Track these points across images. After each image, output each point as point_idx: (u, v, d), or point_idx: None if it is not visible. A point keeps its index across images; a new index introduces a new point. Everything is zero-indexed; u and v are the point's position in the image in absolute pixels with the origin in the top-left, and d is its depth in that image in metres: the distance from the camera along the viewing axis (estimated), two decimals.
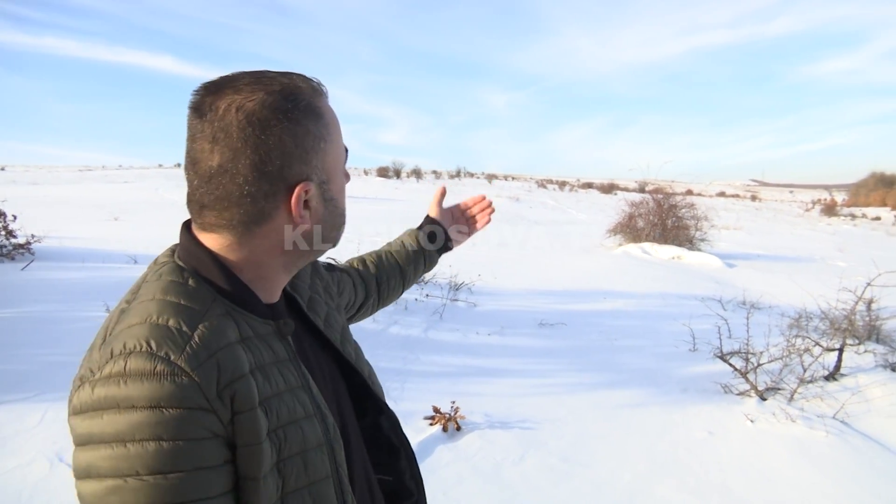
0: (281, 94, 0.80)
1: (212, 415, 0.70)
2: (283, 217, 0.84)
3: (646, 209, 15.67)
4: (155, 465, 0.66)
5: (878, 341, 6.05)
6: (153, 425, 0.66)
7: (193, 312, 0.76)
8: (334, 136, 0.88)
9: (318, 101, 0.85)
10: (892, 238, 28.12)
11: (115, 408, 0.67)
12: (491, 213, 1.53)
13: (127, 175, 38.69)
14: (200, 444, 0.69)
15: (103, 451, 0.67)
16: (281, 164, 0.81)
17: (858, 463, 3.75)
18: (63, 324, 4.70)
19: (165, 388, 0.68)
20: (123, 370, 0.68)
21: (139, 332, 0.71)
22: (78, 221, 13.02)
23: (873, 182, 77.01)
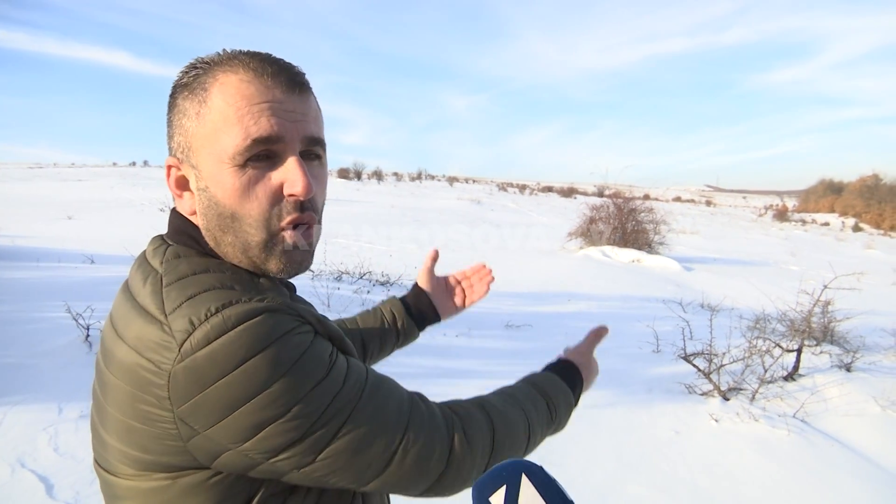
0: (181, 72, 0.79)
1: (310, 325, 0.73)
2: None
3: (606, 213, 15.89)
4: (314, 376, 0.68)
5: (832, 342, 6.24)
6: (288, 353, 0.67)
7: (244, 278, 0.77)
8: (206, 116, 0.75)
9: (206, 78, 0.76)
10: (841, 243, 29.09)
11: (242, 360, 0.64)
12: (491, 283, 1.35)
13: (80, 173, 37.67)
14: (318, 339, 0.73)
15: (260, 404, 0.65)
16: (167, 137, 0.81)
17: (818, 460, 3.85)
18: (19, 325, 4.55)
19: (274, 318, 0.68)
20: (224, 324, 0.65)
21: (211, 297, 0.69)
22: (30, 220, 12.62)
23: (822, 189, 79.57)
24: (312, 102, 0.81)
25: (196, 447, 0.67)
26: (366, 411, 0.72)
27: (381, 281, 7.70)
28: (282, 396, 0.66)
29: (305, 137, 0.78)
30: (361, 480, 0.73)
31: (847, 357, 5.59)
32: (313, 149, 0.80)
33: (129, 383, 0.68)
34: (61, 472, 2.84)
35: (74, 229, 11.57)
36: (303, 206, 0.77)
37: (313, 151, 0.80)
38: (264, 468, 0.69)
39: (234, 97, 0.74)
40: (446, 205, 29.82)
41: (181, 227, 0.82)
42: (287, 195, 0.76)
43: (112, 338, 0.73)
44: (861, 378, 5.23)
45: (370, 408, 0.73)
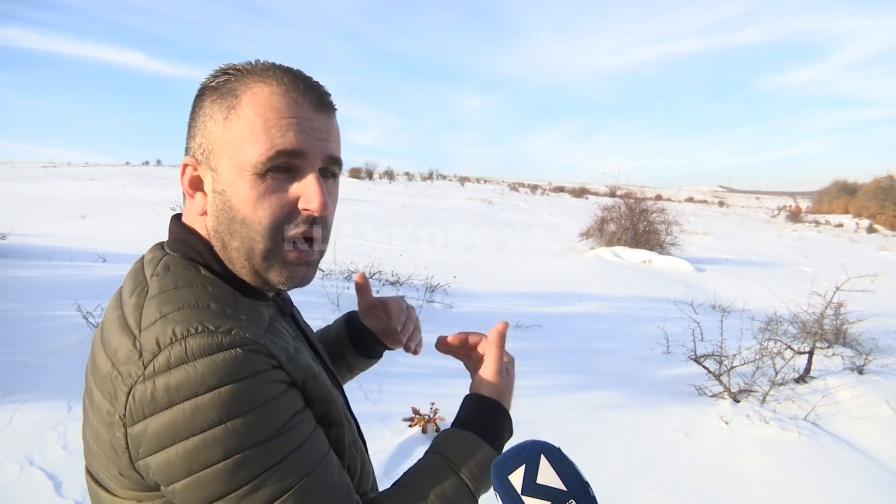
0: (210, 75, 0.80)
1: (282, 371, 0.71)
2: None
3: (617, 213, 15.82)
4: (260, 432, 0.65)
5: (844, 345, 6.18)
6: (241, 397, 0.65)
7: (225, 297, 0.75)
8: (233, 122, 0.76)
9: (234, 83, 0.77)
10: (855, 245, 28.83)
11: (193, 395, 0.63)
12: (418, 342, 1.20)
13: (94, 172, 37.98)
14: (286, 395, 0.70)
15: (201, 440, 0.63)
16: (187, 137, 0.82)
17: (829, 463, 3.82)
18: (31, 323, 4.59)
19: (238, 357, 0.66)
20: (185, 354, 0.64)
21: (183, 317, 0.68)
22: (43, 219, 12.72)
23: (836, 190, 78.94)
24: (335, 123, 0.83)
25: (142, 471, 0.67)
26: (306, 494, 0.68)
27: (391, 280, 7.71)
28: (223, 442, 0.64)
29: (327, 156, 0.80)
30: None
31: (859, 359, 5.54)
32: (331, 167, 0.82)
33: (104, 392, 0.68)
34: (69, 471, 2.86)
35: (87, 228, 11.66)
36: (314, 220, 0.78)
37: (331, 170, 0.82)
38: None
39: (265, 108, 0.75)
40: (457, 205, 29.82)
41: (180, 236, 0.82)
42: (302, 209, 0.77)
43: (98, 346, 0.73)
44: (873, 381, 5.17)
45: (313, 491, 0.69)
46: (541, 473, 0.67)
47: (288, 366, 0.72)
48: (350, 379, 1.21)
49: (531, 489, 0.67)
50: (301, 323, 0.99)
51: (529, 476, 0.67)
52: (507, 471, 0.69)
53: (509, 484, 0.68)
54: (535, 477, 0.67)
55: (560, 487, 0.66)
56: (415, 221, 18.46)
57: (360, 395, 4.16)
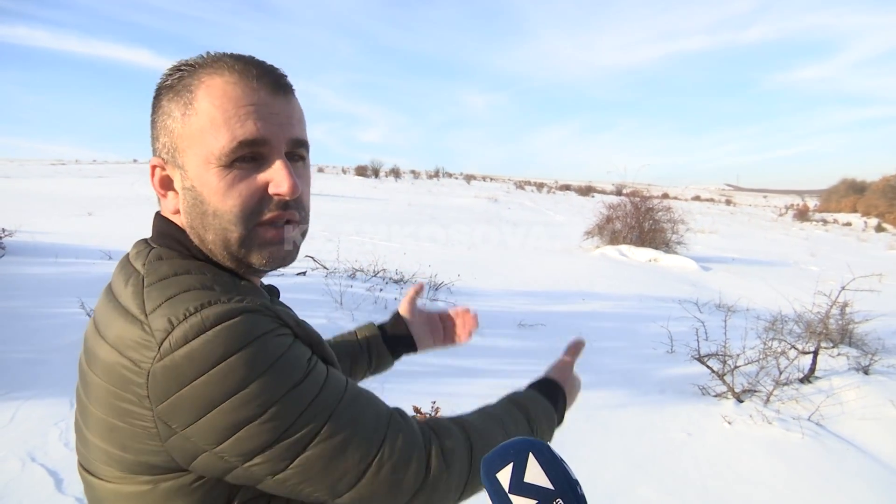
0: (167, 71, 0.80)
1: (289, 328, 0.74)
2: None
3: (623, 212, 15.79)
4: (291, 378, 0.68)
5: (850, 345, 6.15)
6: (264, 353, 0.67)
7: (223, 282, 0.76)
8: (199, 119, 0.76)
9: (192, 79, 0.77)
10: (863, 244, 28.70)
11: (220, 360, 0.65)
12: (473, 331, 1.32)
13: (101, 170, 38.17)
14: (298, 344, 0.73)
15: (238, 403, 0.65)
16: (152, 138, 0.81)
17: (832, 464, 3.80)
18: (36, 320, 4.61)
19: (251, 319, 0.68)
20: (202, 324, 0.66)
21: (190, 297, 0.69)
22: (50, 216, 12.79)
23: (844, 188, 78.57)
24: (296, 105, 0.82)
25: (174, 447, 0.67)
26: (342, 420, 0.72)
27: (395, 279, 7.71)
28: (258, 397, 0.65)
29: (290, 140, 0.79)
30: (335, 492, 0.72)
31: (865, 359, 5.50)
32: (297, 150, 0.81)
33: (111, 382, 0.68)
34: (71, 467, 2.87)
35: (94, 226, 11.72)
36: (287, 204, 0.78)
37: (297, 153, 0.82)
38: (239, 473, 0.69)
39: (220, 99, 0.75)
40: (463, 203, 29.82)
41: (164, 230, 0.82)
42: (273, 194, 0.77)
43: (94, 338, 0.74)
44: (879, 381, 5.14)
45: (347, 416, 0.72)
46: (528, 472, 0.67)
47: (296, 329, 0.75)
48: (365, 376, 1.27)
49: (518, 488, 0.67)
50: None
51: (517, 474, 0.67)
52: (496, 469, 0.69)
53: (497, 482, 0.68)
54: (522, 475, 0.67)
55: (547, 486, 0.66)
56: (420, 220, 18.48)
57: None
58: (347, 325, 5.51)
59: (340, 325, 5.48)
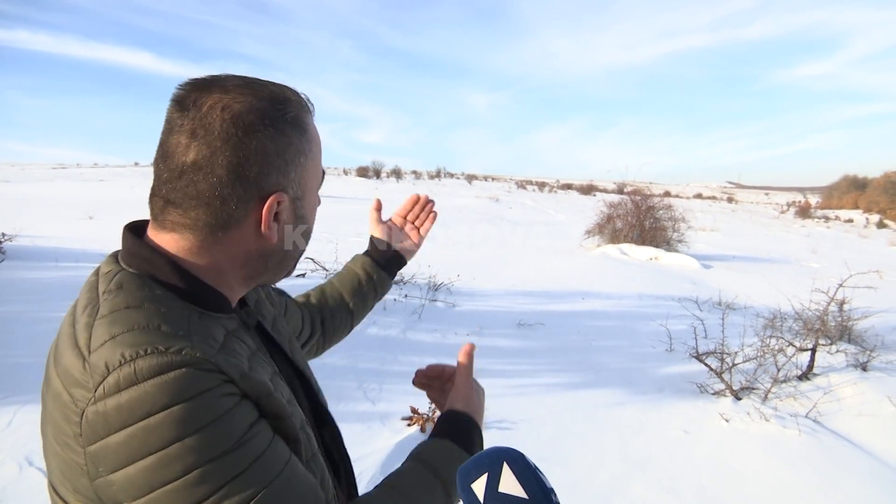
0: (270, 101, 0.79)
1: (232, 385, 0.70)
2: (252, 226, 0.81)
3: (624, 210, 15.78)
4: (215, 449, 0.65)
5: (849, 341, 6.15)
6: (193, 416, 0.65)
7: (178, 317, 0.73)
8: (315, 155, 0.87)
9: (304, 116, 0.84)
10: (864, 240, 28.65)
11: (145, 416, 0.64)
12: (433, 212, 1.40)
13: (102, 173, 38.22)
14: (239, 407, 0.70)
15: (156, 460, 0.64)
16: (259, 170, 0.78)
17: (830, 461, 3.80)
18: (35, 325, 4.63)
19: (189, 376, 0.66)
20: (134, 375, 0.64)
21: (133, 339, 0.67)
22: (51, 220, 12.81)
23: (846, 185, 78.45)
24: None
25: (99, 488, 0.67)
26: (266, 501, 0.68)
27: (395, 280, 7.71)
28: (180, 459, 0.64)
29: None
30: None
31: (863, 356, 5.51)
32: None
33: (57, 411, 0.69)
34: None
35: (95, 229, 11.72)
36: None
37: None
38: None
39: (318, 138, 0.88)
40: (464, 203, 29.82)
41: (134, 250, 0.80)
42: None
43: (50, 362, 0.74)
44: (877, 377, 5.15)
45: (272, 499, 0.69)
46: (503, 481, 0.68)
47: (241, 382, 0.72)
48: (373, 306, 1.38)
49: (493, 497, 0.67)
50: (269, 330, 0.99)
51: (491, 484, 0.68)
52: (471, 479, 0.69)
53: (472, 492, 0.69)
54: (497, 485, 0.68)
55: (521, 496, 0.67)
56: None
57: (359, 394, 4.18)
58: None
59: None
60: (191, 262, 0.80)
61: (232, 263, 0.83)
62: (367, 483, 3.04)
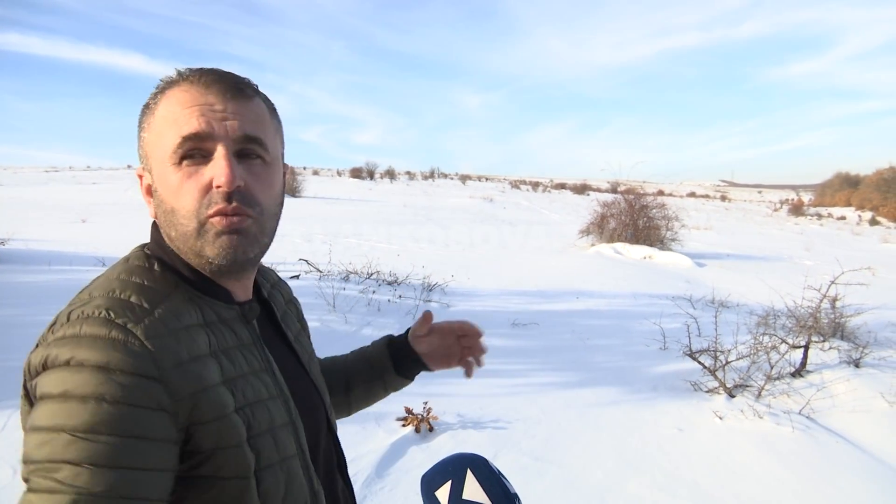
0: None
1: (159, 385, 0.70)
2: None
3: (618, 209, 15.82)
4: (93, 425, 0.65)
5: (842, 338, 6.17)
6: (96, 385, 0.66)
7: (155, 293, 0.78)
8: (156, 126, 0.82)
9: (161, 93, 0.83)
10: (857, 237, 28.75)
11: (64, 365, 0.67)
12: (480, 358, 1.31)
13: (95, 176, 38.03)
14: (144, 413, 0.68)
15: (49, 405, 0.66)
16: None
17: (823, 457, 3.82)
18: (28, 328, 4.58)
19: (117, 351, 0.69)
20: (78, 333, 0.69)
21: (99, 302, 0.73)
22: (44, 224, 12.76)
23: (839, 182, 78.68)
24: (254, 107, 0.85)
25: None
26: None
27: (389, 280, 7.72)
28: (53, 415, 0.65)
29: (240, 136, 0.82)
30: None
31: (856, 353, 5.53)
32: (250, 147, 0.83)
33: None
34: None
35: (88, 232, 11.68)
36: (230, 197, 0.80)
37: (252, 150, 0.84)
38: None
39: (173, 104, 0.81)
40: (458, 203, 29.81)
41: (154, 236, 0.88)
42: (215, 186, 0.80)
43: None
44: (870, 374, 5.17)
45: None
46: (467, 488, 0.68)
47: (172, 371, 0.71)
48: (382, 398, 1.26)
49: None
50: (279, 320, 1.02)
51: (455, 491, 0.68)
52: (435, 486, 0.69)
53: (436, 500, 0.69)
54: (461, 492, 0.68)
55: (485, 502, 0.67)
56: (415, 221, 18.48)
57: None
58: (340, 328, 5.53)
59: (333, 328, 5.50)
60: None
61: (167, 240, 0.85)
62: (362, 483, 3.04)
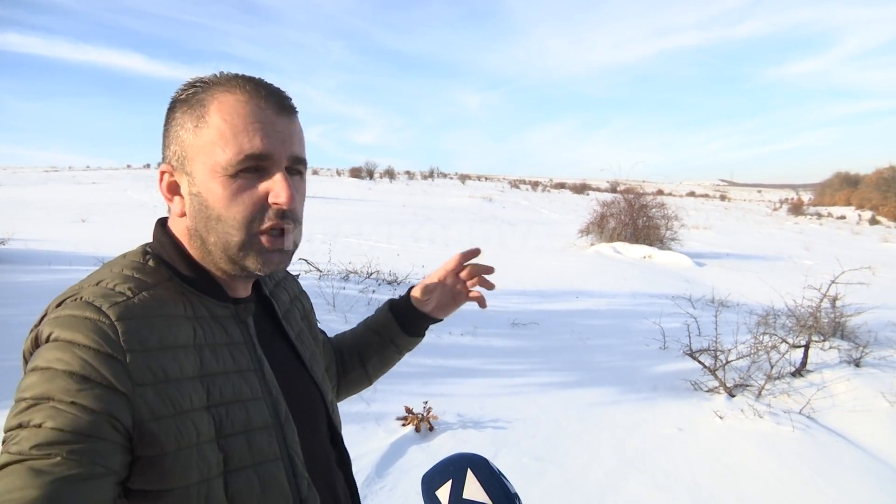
0: (181, 87, 0.86)
1: (121, 366, 0.72)
2: (176, 204, 0.88)
3: (617, 209, 15.82)
4: (47, 393, 0.68)
5: (842, 338, 6.17)
6: (59, 359, 0.70)
7: (142, 283, 0.81)
8: (203, 130, 0.82)
9: (205, 93, 0.83)
10: (857, 237, 28.76)
11: (45, 343, 0.73)
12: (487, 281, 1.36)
13: (95, 176, 38.04)
14: (100, 389, 0.70)
15: (23, 379, 0.71)
16: (162, 147, 0.88)
17: (823, 457, 3.82)
18: (25, 328, 4.57)
19: (86, 328, 0.72)
20: (60, 315, 0.74)
21: (88, 291, 0.77)
22: (44, 223, 12.77)
23: (838, 182, 78.73)
24: (298, 125, 0.89)
25: None
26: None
27: (389, 280, 7.72)
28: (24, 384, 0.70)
29: (291, 156, 0.86)
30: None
31: (856, 352, 5.53)
32: (296, 166, 0.88)
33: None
34: None
35: (88, 232, 11.69)
36: (284, 214, 0.84)
37: (296, 168, 0.89)
38: None
39: (231, 115, 0.82)
40: (458, 203, 29.83)
41: (155, 234, 0.91)
42: (272, 203, 0.84)
43: None
44: (870, 373, 5.17)
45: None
46: (467, 488, 0.68)
47: (138, 355, 0.73)
48: (399, 360, 1.32)
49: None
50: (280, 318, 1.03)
51: (456, 491, 0.68)
52: (435, 486, 0.69)
53: (437, 500, 0.69)
54: (461, 492, 0.68)
55: (485, 502, 0.67)
56: (415, 220, 18.48)
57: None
58: (340, 327, 5.51)
59: (333, 328, 5.46)
60: (187, 244, 0.88)
61: (190, 242, 0.88)
62: (362, 483, 3.04)
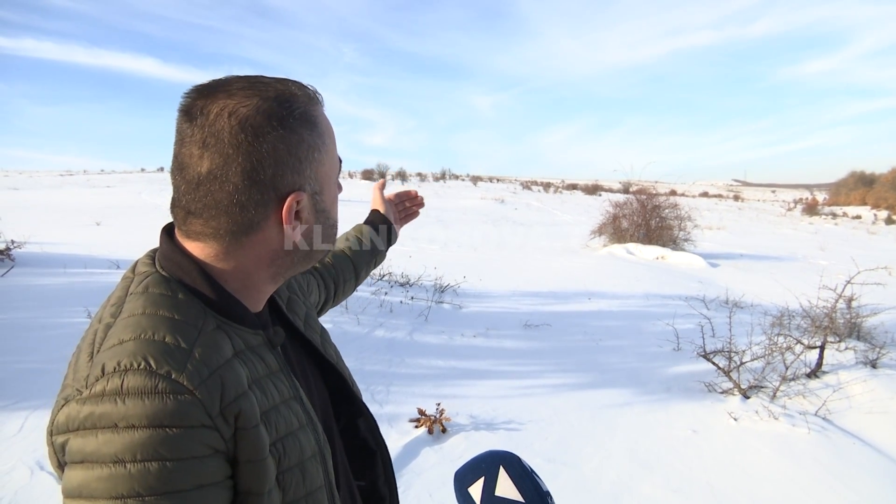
0: (276, 101, 0.78)
1: (214, 432, 0.68)
2: (274, 227, 0.80)
3: (630, 210, 15.76)
4: (157, 486, 0.64)
5: (858, 338, 6.12)
6: (155, 445, 0.64)
7: (189, 328, 0.74)
8: (329, 146, 0.85)
9: (313, 109, 0.82)
10: (873, 237, 28.47)
11: (112, 427, 0.64)
12: (419, 208, 1.66)
13: (109, 179, 38.37)
14: (203, 462, 0.67)
15: (99, 471, 0.63)
16: (273, 172, 0.78)
17: (839, 459, 3.79)
18: (44, 330, 4.65)
19: (168, 406, 0.65)
20: (120, 388, 0.65)
21: (134, 349, 0.68)
22: (59, 227, 12.88)
23: (853, 181, 78.05)
24: None
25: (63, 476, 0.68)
26: None
27: (401, 282, 7.73)
28: (113, 480, 0.63)
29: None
30: None
31: (873, 353, 5.47)
32: None
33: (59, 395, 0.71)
34: None
35: (102, 235, 11.79)
36: None
37: None
38: None
39: (329, 126, 0.87)
40: (469, 204, 29.82)
41: (169, 255, 0.82)
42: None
43: (77, 348, 0.76)
44: (887, 374, 5.11)
45: None
46: (499, 485, 0.68)
47: (221, 415, 0.70)
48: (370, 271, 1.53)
49: (490, 501, 0.67)
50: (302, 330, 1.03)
51: (488, 488, 0.68)
52: (467, 483, 0.69)
53: (469, 496, 0.69)
54: (493, 489, 0.68)
55: (517, 499, 0.67)
56: (426, 222, 18.48)
57: (366, 396, 4.18)
58: (352, 329, 5.54)
59: (346, 330, 5.50)
60: (218, 268, 0.81)
61: (257, 265, 0.83)
62: None
